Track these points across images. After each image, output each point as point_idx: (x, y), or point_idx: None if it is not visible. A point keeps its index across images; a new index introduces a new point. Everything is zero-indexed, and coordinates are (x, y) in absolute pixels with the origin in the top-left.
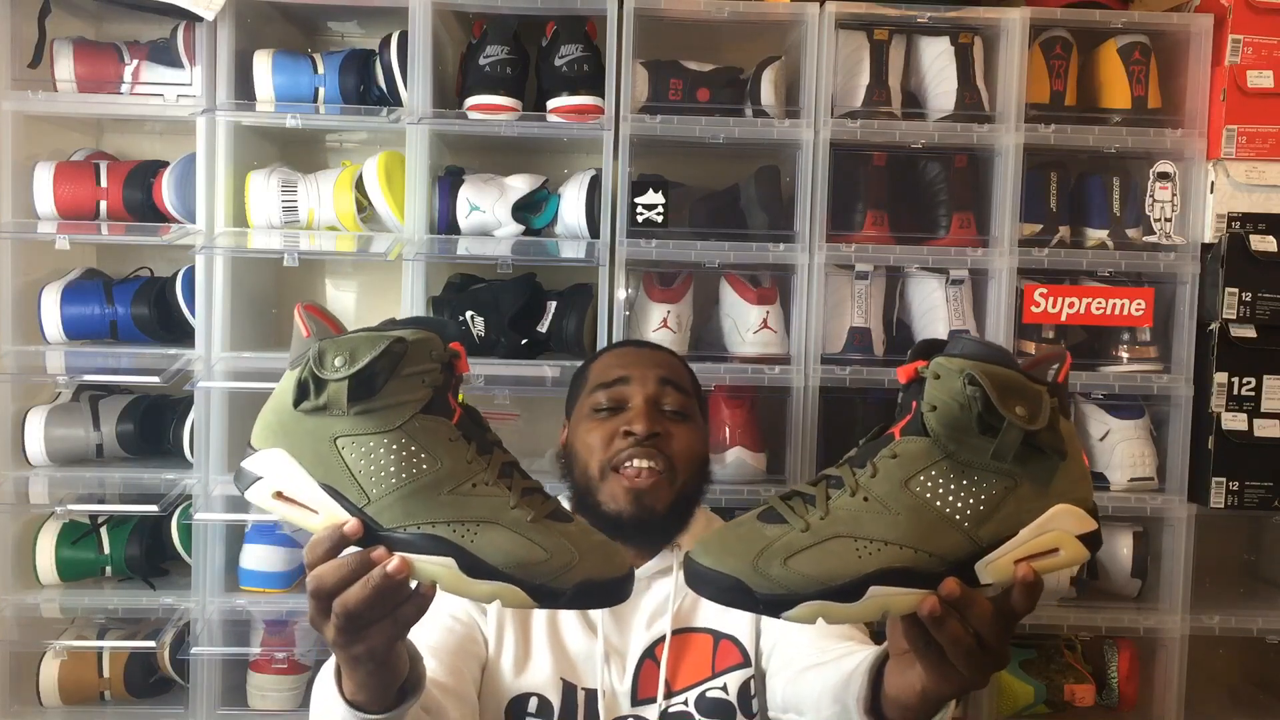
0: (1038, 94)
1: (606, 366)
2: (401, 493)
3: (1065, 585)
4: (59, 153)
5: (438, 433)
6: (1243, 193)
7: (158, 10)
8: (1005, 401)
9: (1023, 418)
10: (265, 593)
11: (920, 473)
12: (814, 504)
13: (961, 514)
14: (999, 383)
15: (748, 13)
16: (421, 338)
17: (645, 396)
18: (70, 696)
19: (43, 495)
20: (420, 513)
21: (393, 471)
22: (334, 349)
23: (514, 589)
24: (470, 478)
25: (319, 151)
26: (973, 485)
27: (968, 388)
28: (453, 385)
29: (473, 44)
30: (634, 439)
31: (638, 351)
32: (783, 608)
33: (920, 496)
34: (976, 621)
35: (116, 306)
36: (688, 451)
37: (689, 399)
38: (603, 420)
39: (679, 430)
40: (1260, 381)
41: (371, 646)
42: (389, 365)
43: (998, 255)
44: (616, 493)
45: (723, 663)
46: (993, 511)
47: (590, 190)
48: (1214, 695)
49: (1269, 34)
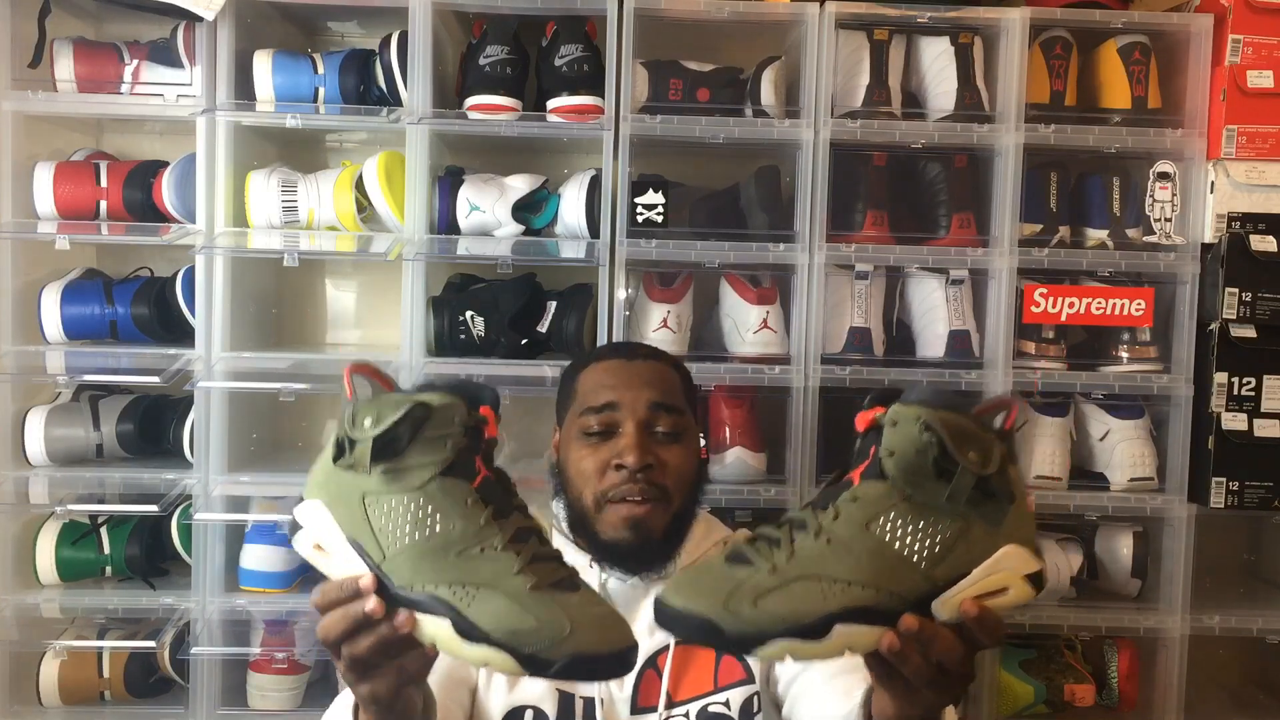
0: (1038, 94)
1: (596, 386)
2: (413, 552)
3: (1065, 585)
4: (59, 153)
5: (455, 495)
6: (1243, 193)
7: (158, 10)
8: (959, 447)
9: (975, 463)
10: (265, 593)
11: (880, 515)
12: (779, 546)
13: (918, 555)
14: (953, 429)
15: (748, 13)
16: (446, 403)
17: (636, 423)
18: (70, 696)
19: (43, 495)
20: (428, 573)
21: (408, 531)
22: (365, 410)
23: (504, 655)
24: (480, 542)
25: (319, 151)
26: (929, 527)
27: (924, 434)
28: (483, 448)
29: (473, 44)
30: (626, 472)
31: (628, 367)
32: (752, 646)
33: (880, 538)
34: (938, 653)
35: (116, 306)
36: (681, 473)
37: (681, 416)
38: (594, 447)
39: (671, 453)
40: (1260, 381)
41: (375, 690)
42: (411, 428)
43: (998, 255)
44: (614, 522)
45: (726, 678)
46: (947, 552)
47: (590, 190)
48: (1214, 695)
49: (1269, 34)
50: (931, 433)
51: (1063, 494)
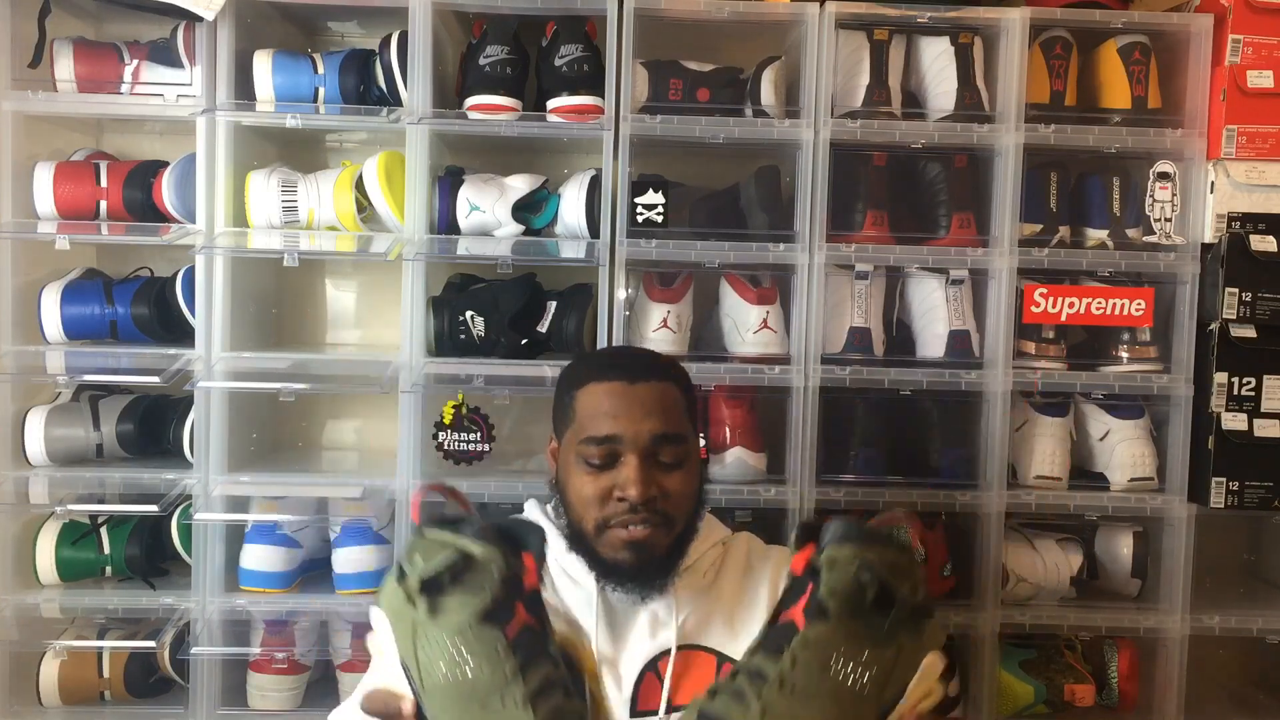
0: (1038, 94)
1: (596, 413)
2: (446, 692)
3: (1065, 585)
4: (59, 153)
5: (487, 642)
6: (1243, 193)
7: (158, 10)
8: (897, 583)
9: (910, 593)
10: (265, 593)
11: (832, 656)
12: (746, 701)
13: (870, 686)
14: (889, 567)
15: (748, 13)
16: (486, 555)
17: (639, 455)
18: (70, 696)
19: (43, 495)
20: (454, 715)
21: (444, 670)
22: (419, 548)
23: None
24: (503, 692)
25: (319, 151)
26: (873, 657)
27: (863, 574)
28: (525, 593)
29: (473, 44)
30: (628, 504)
31: (629, 393)
32: None
33: (836, 679)
34: None
35: (116, 306)
36: (683, 497)
37: (684, 443)
38: (594, 475)
39: (673, 480)
40: (1260, 381)
41: None
42: (452, 574)
43: (998, 255)
44: (615, 544)
45: None
46: (888, 676)
47: (590, 190)
48: (1214, 695)
49: (1269, 34)
50: (870, 573)
51: (1063, 494)
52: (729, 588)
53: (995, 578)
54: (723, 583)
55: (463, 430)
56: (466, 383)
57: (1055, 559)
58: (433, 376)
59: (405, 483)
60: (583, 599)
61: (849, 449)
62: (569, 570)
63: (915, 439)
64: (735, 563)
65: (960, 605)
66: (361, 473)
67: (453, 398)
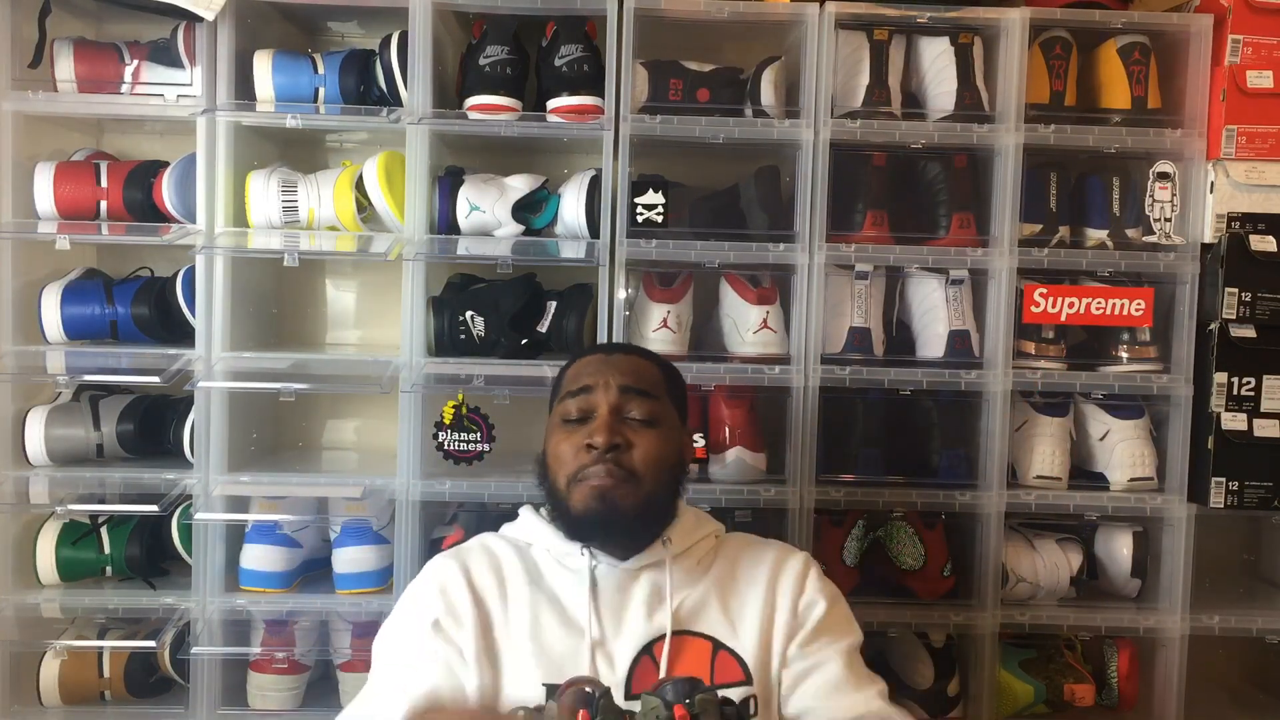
0: (1038, 94)
1: (576, 374)
2: None
3: (1065, 585)
4: (59, 153)
5: None
6: (1242, 193)
7: (158, 10)
8: None
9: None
10: (265, 592)
11: None
12: None
13: None
14: None
15: (748, 13)
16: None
17: (609, 405)
18: (70, 696)
19: (43, 495)
20: None
21: None
22: None
23: None
24: None
25: (319, 151)
26: None
27: None
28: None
29: (473, 44)
30: (595, 453)
31: (606, 358)
32: None
33: None
34: None
35: (116, 306)
36: (651, 458)
37: (657, 403)
38: (570, 432)
39: (642, 438)
40: (1260, 381)
41: None
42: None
43: (998, 255)
44: (583, 495)
45: (721, 675)
46: None
47: (590, 190)
48: (1214, 695)
49: (1269, 34)
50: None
51: (1062, 494)
52: (724, 576)
53: (995, 578)
54: (718, 571)
55: (463, 430)
56: (466, 383)
57: (1055, 559)
58: (433, 376)
59: (405, 482)
60: (575, 582)
61: (849, 449)
62: (562, 560)
63: (915, 439)
64: (730, 553)
65: (960, 605)
66: (361, 473)
67: (453, 398)
